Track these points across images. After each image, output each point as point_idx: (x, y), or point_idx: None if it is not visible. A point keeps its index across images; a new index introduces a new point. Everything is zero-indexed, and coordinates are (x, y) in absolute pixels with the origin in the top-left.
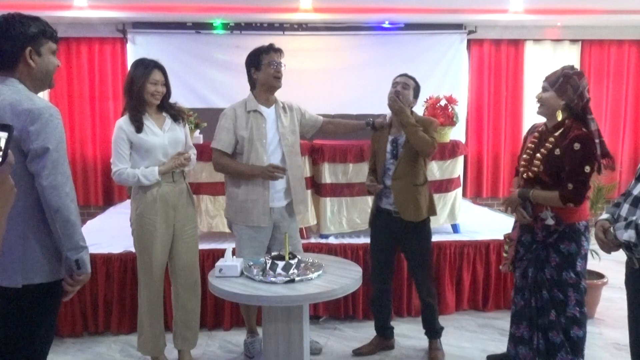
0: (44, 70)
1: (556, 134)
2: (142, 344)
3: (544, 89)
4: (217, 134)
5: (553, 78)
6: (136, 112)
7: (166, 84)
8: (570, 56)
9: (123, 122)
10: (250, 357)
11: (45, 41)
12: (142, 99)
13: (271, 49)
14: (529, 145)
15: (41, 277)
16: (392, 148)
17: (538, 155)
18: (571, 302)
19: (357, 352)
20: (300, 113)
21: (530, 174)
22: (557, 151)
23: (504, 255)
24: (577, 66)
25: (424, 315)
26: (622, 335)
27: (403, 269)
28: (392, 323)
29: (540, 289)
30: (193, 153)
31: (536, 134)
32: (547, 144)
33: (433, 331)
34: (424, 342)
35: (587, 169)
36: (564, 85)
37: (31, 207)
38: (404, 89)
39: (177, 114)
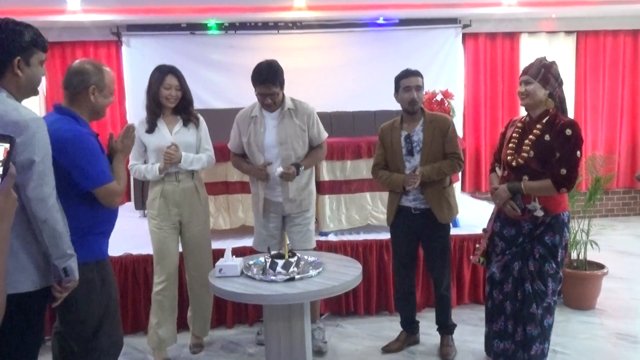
0: (30, 81)
1: (543, 121)
2: (151, 336)
3: (527, 82)
4: (231, 137)
5: (534, 70)
6: (152, 114)
7: (182, 88)
8: (565, 48)
9: (138, 123)
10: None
11: (35, 51)
12: (158, 101)
13: (259, 82)
14: (514, 135)
15: (28, 285)
16: (407, 144)
17: (527, 141)
18: (549, 291)
19: (386, 350)
20: (310, 123)
21: (520, 160)
22: (547, 137)
23: (477, 246)
24: (573, 58)
25: (438, 309)
26: (624, 325)
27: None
28: (391, 318)
29: (524, 282)
30: (207, 155)
31: (519, 124)
32: (535, 131)
33: (446, 327)
34: (434, 338)
35: (578, 154)
36: (547, 75)
37: (17, 216)
38: (419, 92)
39: (187, 119)
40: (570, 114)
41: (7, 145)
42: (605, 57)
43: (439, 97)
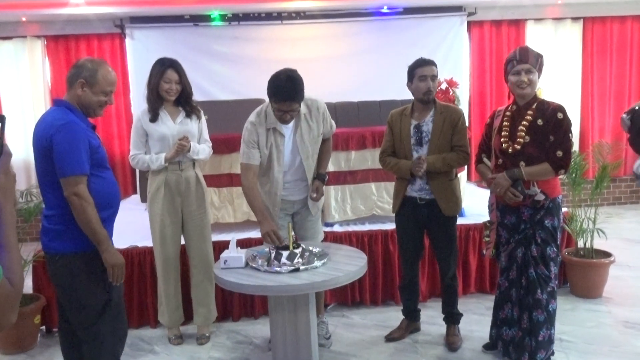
0: None
1: (533, 107)
2: (161, 313)
3: (529, 71)
4: (241, 148)
5: (533, 59)
6: (153, 105)
7: (182, 82)
8: (572, 34)
9: (141, 113)
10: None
11: None
12: (158, 94)
13: (280, 99)
14: (504, 123)
15: None
16: (416, 134)
17: (521, 127)
18: (552, 275)
19: (389, 338)
20: (323, 119)
21: (516, 146)
22: (540, 121)
23: (486, 240)
24: (580, 44)
25: (445, 298)
26: (631, 313)
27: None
28: (397, 308)
29: (527, 268)
30: (208, 146)
31: (508, 113)
32: (527, 117)
33: (452, 316)
34: (439, 327)
35: (571, 135)
36: (542, 64)
37: None
38: (433, 82)
39: (190, 111)
40: (577, 101)
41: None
42: (612, 43)
43: (444, 86)
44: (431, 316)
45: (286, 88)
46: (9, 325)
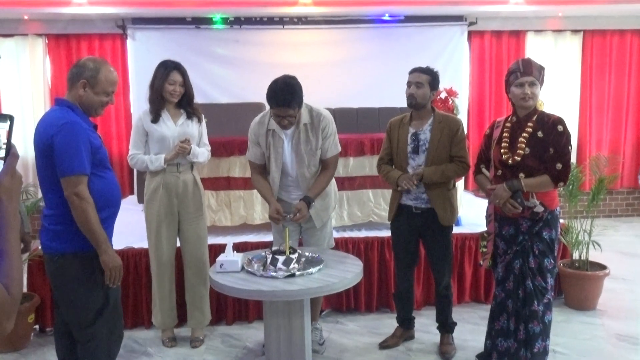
0: None
1: (533, 119)
2: (155, 315)
3: (533, 84)
4: (248, 147)
5: (536, 72)
6: (155, 106)
7: (185, 84)
8: (571, 47)
9: (142, 113)
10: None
11: None
12: (161, 96)
13: (275, 104)
14: (504, 134)
15: None
16: (413, 142)
17: (521, 139)
18: (549, 287)
19: (383, 346)
20: (325, 134)
21: (516, 157)
22: (540, 133)
23: (482, 250)
24: (579, 57)
25: (439, 307)
26: (625, 326)
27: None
28: (391, 315)
29: (525, 279)
30: (207, 149)
31: (508, 124)
32: (527, 129)
33: (446, 325)
34: (433, 336)
35: (570, 148)
36: (544, 77)
37: None
38: (418, 89)
39: (192, 112)
40: (575, 113)
41: (7, 125)
42: (611, 56)
43: (443, 95)
44: (425, 324)
45: (281, 94)
46: (4, 334)
